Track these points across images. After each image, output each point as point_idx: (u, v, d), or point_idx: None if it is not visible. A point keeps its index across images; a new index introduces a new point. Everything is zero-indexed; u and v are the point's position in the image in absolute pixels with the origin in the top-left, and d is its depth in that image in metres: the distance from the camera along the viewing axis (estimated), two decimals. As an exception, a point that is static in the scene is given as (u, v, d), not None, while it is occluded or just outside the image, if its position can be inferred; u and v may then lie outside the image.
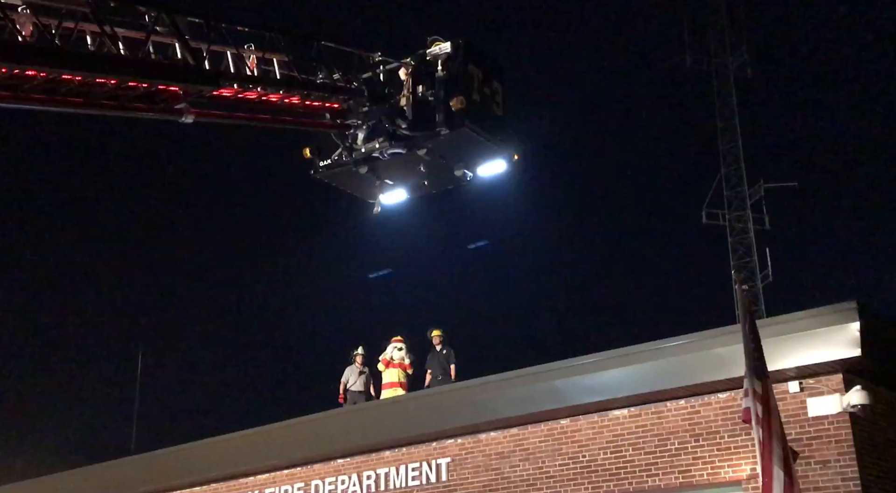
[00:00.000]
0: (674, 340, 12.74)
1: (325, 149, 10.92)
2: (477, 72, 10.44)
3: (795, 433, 11.55)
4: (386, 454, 15.81)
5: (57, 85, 8.04)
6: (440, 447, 15.19)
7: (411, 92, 10.39)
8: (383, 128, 10.39)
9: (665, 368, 12.68)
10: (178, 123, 9.15)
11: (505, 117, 10.81)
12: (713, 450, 12.37)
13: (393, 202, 11.40)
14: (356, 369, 18.16)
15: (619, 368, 13.07)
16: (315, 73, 10.13)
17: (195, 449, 18.37)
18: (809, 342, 11.47)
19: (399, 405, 16.58)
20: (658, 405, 12.97)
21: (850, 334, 11.11)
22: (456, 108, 10.07)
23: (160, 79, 8.69)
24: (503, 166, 10.98)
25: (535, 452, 14.11)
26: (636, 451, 13.04)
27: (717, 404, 12.49)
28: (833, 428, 11.44)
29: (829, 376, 11.63)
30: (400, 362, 17.88)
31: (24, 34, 7.75)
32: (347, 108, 10.43)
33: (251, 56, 9.55)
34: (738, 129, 32.65)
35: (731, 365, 11.51)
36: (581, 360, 13.57)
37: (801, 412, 11.72)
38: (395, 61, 10.60)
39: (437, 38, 10.59)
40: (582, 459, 13.57)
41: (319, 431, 16.70)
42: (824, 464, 11.35)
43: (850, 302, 11.24)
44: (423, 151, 10.46)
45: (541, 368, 13.98)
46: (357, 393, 17.95)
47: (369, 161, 10.66)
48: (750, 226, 31.55)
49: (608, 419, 13.43)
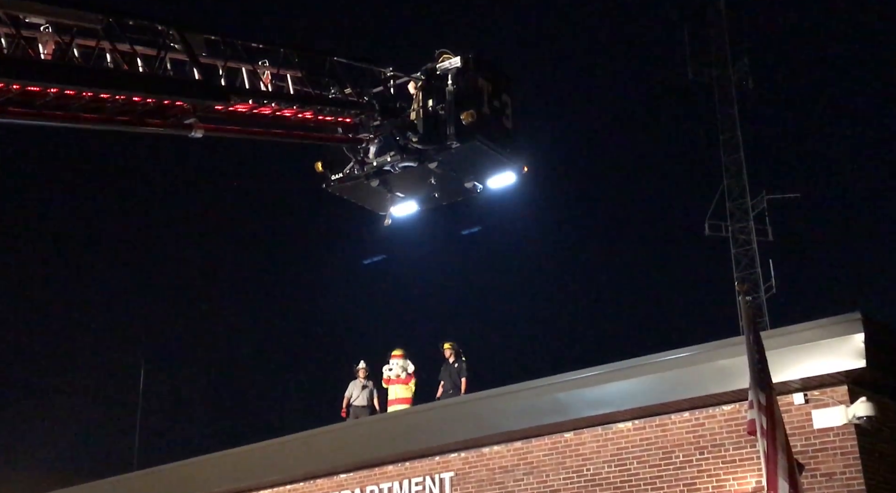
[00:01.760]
0: (678, 352, 12.69)
1: (336, 162, 11.00)
2: (486, 85, 10.53)
3: (801, 445, 11.50)
4: (389, 469, 15.75)
5: (68, 101, 8.13)
6: (443, 461, 15.13)
7: (421, 106, 10.48)
8: (394, 141, 10.49)
9: (669, 380, 12.63)
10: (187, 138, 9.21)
11: (514, 130, 10.89)
12: (718, 463, 12.31)
13: (404, 215, 11.48)
14: (359, 384, 18.13)
15: (623, 380, 13.02)
16: (328, 89, 10.24)
17: (198, 465, 18.33)
18: (814, 354, 11.42)
19: (402, 419, 16.53)
20: (662, 418, 12.92)
21: (855, 345, 11.07)
22: (466, 121, 10.15)
23: (168, 94, 8.80)
24: (512, 178, 11.05)
25: (538, 465, 14.05)
26: (641, 464, 12.98)
27: (722, 416, 12.44)
28: (839, 440, 11.40)
29: (835, 388, 11.59)
30: (397, 379, 17.81)
31: (47, 53, 7.92)
32: (359, 122, 10.55)
33: (266, 72, 9.67)
34: (740, 140, 32.65)
35: (736, 377, 11.46)
36: (585, 373, 13.51)
37: (807, 424, 11.68)
38: (406, 76, 10.68)
39: (445, 50, 10.68)
40: (586, 472, 13.50)
41: (322, 445, 16.65)
42: (830, 476, 11.29)
43: (854, 313, 11.21)
44: (433, 164, 10.54)
45: (544, 381, 13.92)
46: (360, 408, 17.92)
47: (381, 174, 10.76)
48: (753, 237, 31.51)
49: (612, 432, 13.38)
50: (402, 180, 10.85)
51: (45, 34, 7.97)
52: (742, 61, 33.68)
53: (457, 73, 10.37)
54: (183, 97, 8.89)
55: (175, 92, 8.87)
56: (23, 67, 7.62)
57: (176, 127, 9.08)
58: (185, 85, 8.92)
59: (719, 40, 34.07)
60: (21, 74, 7.63)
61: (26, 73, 7.68)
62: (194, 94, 8.94)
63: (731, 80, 33.36)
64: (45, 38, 7.97)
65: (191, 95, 8.93)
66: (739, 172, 32.41)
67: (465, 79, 10.37)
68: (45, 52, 7.97)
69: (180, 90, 8.91)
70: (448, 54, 10.64)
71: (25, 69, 7.69)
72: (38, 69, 7.80)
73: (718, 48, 33.96)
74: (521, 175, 11.07)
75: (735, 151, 32.62)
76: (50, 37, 7.96)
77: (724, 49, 33.84)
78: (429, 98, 10.47)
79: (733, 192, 32.23)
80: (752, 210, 31.75)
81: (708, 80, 33.83)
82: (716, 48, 34.02)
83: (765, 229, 31.70)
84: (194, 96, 8.95)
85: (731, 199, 32.18)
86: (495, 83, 10.67)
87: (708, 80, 33.83)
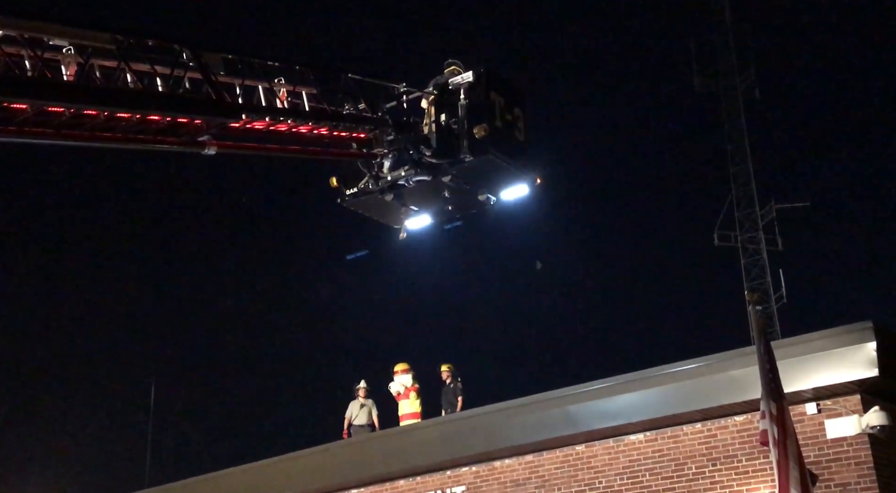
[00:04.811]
0: (689, 363, 12.67)
1: (351, 177, 11.09)
2: (499, 99, 10.60)
3: (814, 456, 11.45)
4: (400, 483, 15.73)
5: (82, 120, 8.22)
6: (455, 476, 15.10)
7: (434, 120, 10.55)
8: (408, 156, 10.54)
9: (681, 391, 12.60)
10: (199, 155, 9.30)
11: (527, 142, 10.97)
12: (731, 474, 12.26)
13: (418, 228, 11.55)
14: (358, 403, 18.26)
15: (635, 392, 13.00)
16: (342, 105, 10.34)
17: (209, 481, 18.33)
18: (826, 363, 11.38)
19: (413, 434, 16.50)
20: (674, 429, 12.88)
21: (867, 354, 11.03)
22: (480, 135, 10.21)
23: (179, 112, 8.88)
24: (525, 190, 11.13)
25: (550, 479, 14.01)
26: (653, 476, 12.94)
27: (734, 427, 12.40)
28: (852, 450, 11.35)
29: (847, 397, 11.55)
30: (398, 395, 17.92)
31: (69, 74, 8.04)
32: (373, 137, 10.62)
33: (282, 89, 9.77)
34: (747, 150, 32.65)
35: (748, 387, 11.43)
36: (596, 384, 13.49)
37: (820, 434, 11.63)
38: (419, 91, 10.76)
39: (454, 61, 10.76)
40: (598, 485, 13.46)
41: (333, 460, 16.64)
42: (844, 487, 11.24)
43: (866, 322, 11.17)
44: (447, 177, 10.62)
45: (555, 393, 13.90)
46: (359, 427, 18.05)
47: (395, 188, 10.81)
48: (762, 247, 31.44)
49: (624, 444, 13.34)
50: (416, 194, 10.93)
51: (67, 56, 8.10)
52: (749, 71, 33.69)
53: (469, 87, 10.45)
54: (196, 115, 8.98)
55: (188, 110, 8.96)
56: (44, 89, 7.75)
57: (189, 145, 9.15)
58: (198, 103, 9.00)
59: (725, 50, 34.10)
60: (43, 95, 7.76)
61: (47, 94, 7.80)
62: (207, 111, 9.03)
63: (738, 90, 33.37)
64: (67, 59, 8.10)
65: (203, 113, 9.02)
66: (748, 182, 32.39)
67: (477, 93, 10.44)
68: (68, 73, 8.10)
69: (193, 108, 8.99)
70: (456, 65, 10.73)
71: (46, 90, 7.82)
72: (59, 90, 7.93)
73: (725, 58, 33.99)
74: (534, 187, 11.14)
75: (743, 160, 32.61)
76: (73, 58, 8.08)
77: (730, 59, 33.86)
78: (441, 112, 10.54)
79: (742, 202, 32.20)
80: (761, 220, 31.71)
81: (715, 90, 33.86)
82: (722, 58, 34.05)
83: (774, 239, 31.65)
84: (207, 114, 9.04)
85: (740, 209, 32.15)
86: (507, 97, 10.74)
87: (715, 90, 33.86)
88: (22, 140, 8.01)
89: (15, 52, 7.70)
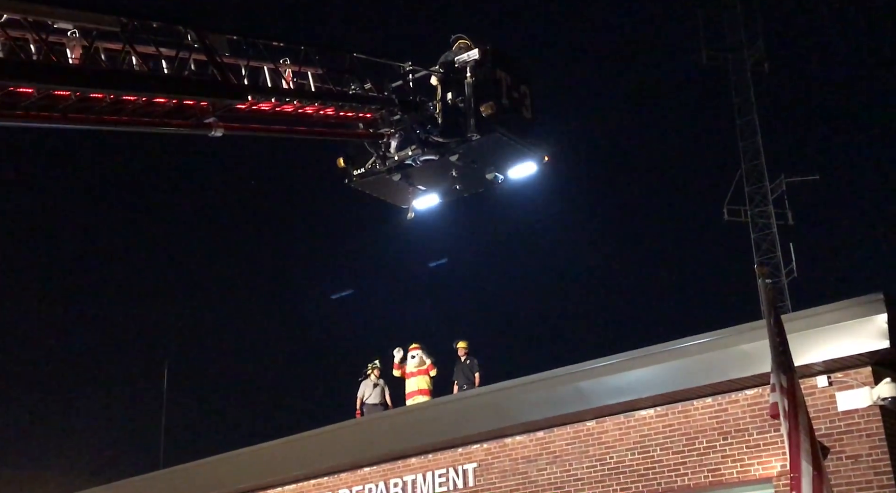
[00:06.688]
0: (699, 337, 12.66)
1: (358, 158, 11.08)
2: (505, 77, 10.54)
3: (825, 428, 11.45)
4: (412, 461, 15.80)
5: (88, 103, 8.22)
6: (466, 453, 15.16)
7: (441, 99, 10.50)
8: (415, 135, 10.52)
9: (691, 366, 12.60)
10: (207, 137, 9.29)
11: (534, 120, 10.93)
12: (742, 448, 12.28)
13: (426, 207, 11.56)
14: (370, 382, 18.35)
15: (645, 367, 13.00)
16: (348, 85, 10.29)
17: (222, 462, 18.44)
18: (837, 336, 11.35)
19: (424, 412, 16.56)
20: (685, 404, 12.89)
21: (878, 325, 11.00)
22: (486, 113, 10.16)
23: (185, 94, 8.87)
24: (533, 168, 11.10)
25: (561, 455, 14.05)
26: (664, 451, 12.96)
27: (745, 401, 12.40)
28: (864, 422, 11.34)
29: (858, 370, 11.53)
30: (417, 370, 17.95)
31: (74, 57, 8.02)
32: (380, 117, 10.58)
33: (287, 70, 9.74)
34: (756, 124, 32.45)
35: (758, 361, 11.42)
36: (606, 360, 13.50)
37: (831, 407, 11.62)
38: (425, 69, 10.72)
39: (461, 35, 10.72)
40: (609, 460, 13.50)
41: (345, 440, 16.72)
42: (856, 459, 11.24)
43: (876, 294, 11.12)
44: (454, 156, 10.57)
45: (565, 370, 13.91)
46: (373, 406, 18.16)
47: (402, 168, 10.81)
48: (773, 221, 31.32)
49: (635, 420, 13.36)
50: (424, 174, 10.90)
51: (72, 39, 8.08)
52: (757, 44, 33.44)
53: (475, 65, 10.38)
54: (202, 97, 8.97)
55: (194, 92, 8.95)
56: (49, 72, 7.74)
57: (196, 127, 9.16)
58: (204, 85, 9.00)
59: (734, 24, 33.85)
60: (48, 79, 7.76)
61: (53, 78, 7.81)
62: (213, 93, 9.02)
63: (747, 64, 33.14)
64: (72, 43, 8.08)
65: (209, 95, 9.02)
66: (757, 156, 32.22)
67: (483, 71, 10.37)
68: (73, 56, 8.08)
69: (199, 90, 8.99)
70: (464, 40, 10.68)
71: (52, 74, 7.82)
72: (64, 73, 7.92)
73: (733, 32, 33.75)
74: (541, 165, 11.11)
75: (752, 134, 32.42)
76: (77, 41, 8.07)
77: (738, 33, 33.62)
78: (448, 91, 10.49)
79: (752, 176, 32.06)
80: (770, 194, 31.57)
81: (723, 64, 33.64)
82: (730, 32, 33.81)
83: (784, 213, 31.51)
84: (212, 95, 9.03)
85: (750, 183, 32.00)
86: (514, 74, 10.68)
87: (723, 64, 33.64)
88: (28, 124, 8.05)
89: (20, 35, 7.70)
